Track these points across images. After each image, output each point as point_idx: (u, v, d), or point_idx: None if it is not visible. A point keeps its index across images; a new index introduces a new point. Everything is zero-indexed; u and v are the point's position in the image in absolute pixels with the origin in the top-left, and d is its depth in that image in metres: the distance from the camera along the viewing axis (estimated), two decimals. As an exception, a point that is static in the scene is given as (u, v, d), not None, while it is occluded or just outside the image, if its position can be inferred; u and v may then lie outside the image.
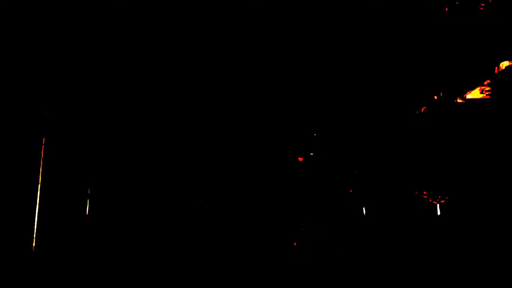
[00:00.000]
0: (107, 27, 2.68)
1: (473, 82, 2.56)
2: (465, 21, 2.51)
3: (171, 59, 2.83)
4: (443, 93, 2.71)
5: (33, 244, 2.46)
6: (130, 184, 2.75)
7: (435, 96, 2.76)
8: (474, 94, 2.60)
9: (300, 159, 2.90)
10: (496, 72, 2.48)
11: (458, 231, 2.63)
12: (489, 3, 2.40)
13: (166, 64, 2.85)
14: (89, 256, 2.60)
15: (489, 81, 2.51)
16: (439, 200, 2.74)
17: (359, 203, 2.95)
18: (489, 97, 2.57)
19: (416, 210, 2.81)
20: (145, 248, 2.69)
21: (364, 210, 2.94)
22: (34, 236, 2.46)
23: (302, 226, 2.89)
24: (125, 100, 2.80)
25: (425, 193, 2.79)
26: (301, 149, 2.99)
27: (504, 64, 2.45)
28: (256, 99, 2.95)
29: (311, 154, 2.99)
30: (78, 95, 2.71)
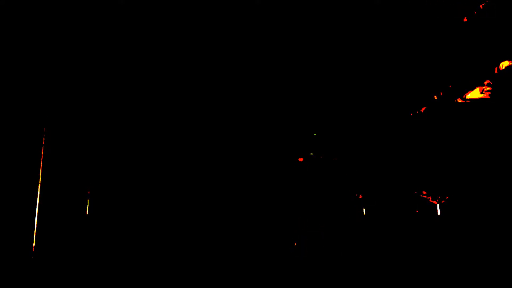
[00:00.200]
0: (107, 27, 2.68)
1: (473, 82, 2.56)
2: (465, 21, 2.51)
3: (171, 59, 2.83)
4: (443, 93, 2.72)
5: (33, 244, 2.46)
6: (130, 184, 2.75)
7: (435, 96, 2.76)
8: (474, 94, 2.60)
9: (301, 159, 2.90)
10: (496, 72, 2.48)
11: (458, 231, 2.63)
12: (489, 3, 2.39)
13: (166, 64, 2.85)
14: (89, 256, 2.60)
15: (489, 81, 2.51)
16: (439, 200, 2.74)
17: (359, 203, 2.95)
18: (489, 97, 2.57)
19: (416, 210, 2.81)
20: (145, 248, 2.69)
21: (364, 210, 2.94)
22: (34, 236, 2.46)
23: (302, 226, 2.89)
24: (125, 101, 2.80)
25: (425, 193, 2.79)
26: (301, 149, 2.99)
27: (504, 64, 2.45)
28: (256, 99, 2.95)
29: (311, 154, 2.99)
30: (78, 95, 2.71)
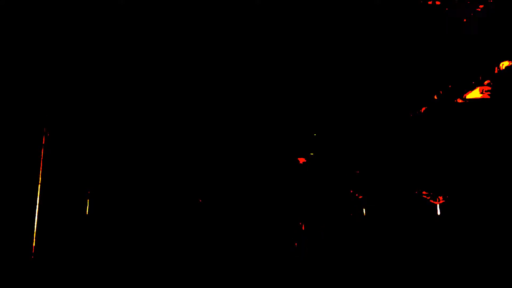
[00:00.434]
0: (107, 27, 2.68)
1: (473, 82, 2.56)
2: (465, 21, 2.51)
3: (171, 59, 2.83)
4: (443, 93, 2.72)
5: (33, 244, 2.46)
6: (130, 184, 2.75)
7: (435, 96, 2.76)
8: (474, 94, 2.60)
9: (301, 160, 2.90)
10: (496, 72, 2.48)
11: (458, 231, 2.63)
12: (488, 3, 2.40)
13: (166, 65, 2.84)
14: (89, 256, 2.60)
15: (489, 81, 2.51)
16: (439, 200, 2.74)
17: (359, 203, 2.95)
18: (489, 97, 2.57)
19: (416, 210, 2.81)
20: (145, 248, 2.69)
21: (364, 210, 2.94)
22: (34, 236, 2.46)
23: (302, 226, 2.89)
24: (125, 101, 2.80)
25: (425, 193, 2.79)
26: (301, 149, 2.99)
27: (504, 64, 2.45)
28: (256, 99, 2.95)
29: (311, 154, 2.99)
30: (78, 96, 2.71)
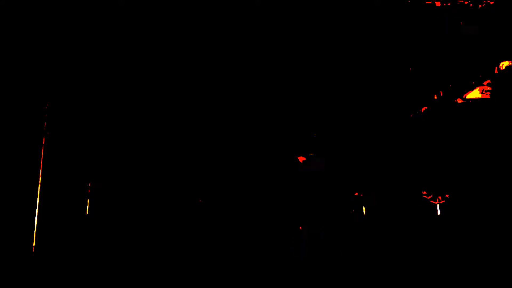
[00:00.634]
0: (107, 27, 2.68)
1: (473, 82, 2.56)
2: (465, 21, 2.51)
3: (171, 59, 2.83)
4: (443, 93, 2.72)
5: (33, 244, 2.46)
6: (130, 184, 2.75)
7: (435, 96, 2.76)
8: (474, 94, 2.60)
9: (301, 159, 2.90)
10: (496, 72, 2.48)
11: (458, 231, 2.63)
12: (489, 3, 2.40)
13: (166, 64, 2.85)
14: (89, 256, 2.60)
15: (489, 81, 2.51)
16: (439, 200, 2.74)
17: (359, 203, 2.95)
18: (489, 97, 2.57)
19: (416, 210, 2.81)
20: (145, 248, 2.70)
21: (364, 210, 2.94)
22: (34, 236, 2.46)
23: (302, 226, 2.89)
24: (125, 100, 2.80)
25: (425, 193, 2.79)
26: (301, 149, 2.99)
27: (504, 64, 2.45)
28: (256, 99, 2.95)
29: (311, 154, 2.99)
30: (78, 95, 2.71)
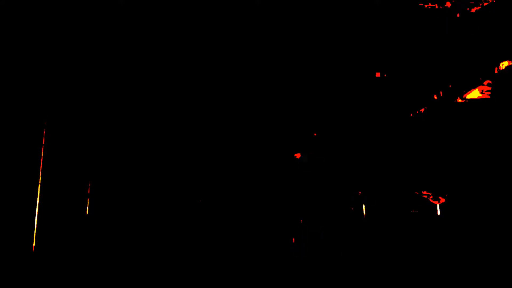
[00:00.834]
0: (107, 27, 2.68)
1: (473, 82, 2.56)
2: (465, 21, 2.51)
3: (171, 59, 2.83)
4: (443, 93, 2.72)
5: (33, 244, 2.46)
6: (130, 184, 2.75)
7: (435, 96, 2.76)
8: (474, 94, 2.60)
9: (297, 155, 2.90)
10: (496, 72, 2.48)
11: (458, 231, 2.63)
12: (489, 3, 2.39)
13: (166, 64, 2.85)
14: (89, 256, 2.60)
15: (489, 81, 2.51)
16: (439, 200, 2.74)
17: (359, 203, 2.95)
18: (489, 97, 2.57)
19: (416, 210, 2.81)
20: (145, 248, 2.70)
21: (364, 210, 2.94)
22: (34, 236, 2.46)
23: (302, 226, 2.89)
24: (125, 100, 2.80)
25: (425, 193, 2.79)
26: (301, 148, 2.99)
27: (504, 64, 2.45)
28: (256, 99, 2.95)
29: (311, 153, 2.99)
30: (78, 95, 2.71)
